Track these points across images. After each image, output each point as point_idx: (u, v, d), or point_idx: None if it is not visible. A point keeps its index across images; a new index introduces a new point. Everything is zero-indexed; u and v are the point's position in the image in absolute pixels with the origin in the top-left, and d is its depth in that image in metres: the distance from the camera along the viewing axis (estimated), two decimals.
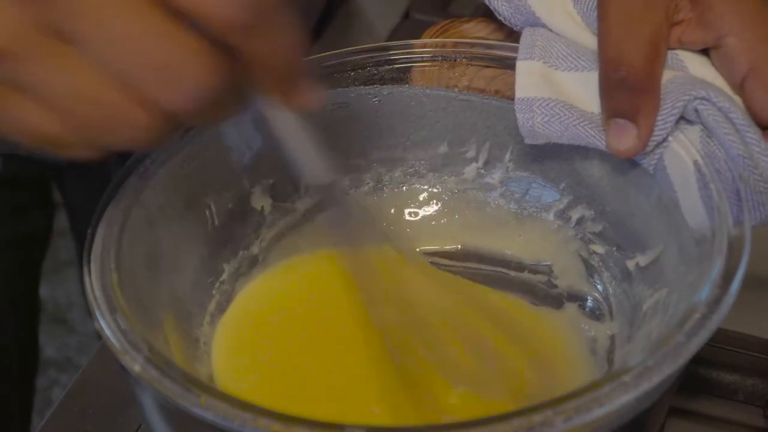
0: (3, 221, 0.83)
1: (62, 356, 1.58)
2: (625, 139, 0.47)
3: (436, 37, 0.60)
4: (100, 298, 0.43)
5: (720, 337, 0.55)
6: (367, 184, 0.59)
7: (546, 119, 0.50)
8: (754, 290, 0.59)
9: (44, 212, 0.89)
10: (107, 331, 0.42)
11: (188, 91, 0.35)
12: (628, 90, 0.46)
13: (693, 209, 0.46)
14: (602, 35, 0.48)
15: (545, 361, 0.51)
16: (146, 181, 0.49)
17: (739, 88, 0.48)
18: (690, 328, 0.40)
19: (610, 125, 0.48)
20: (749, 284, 0.60)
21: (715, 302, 0.41)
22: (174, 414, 0.42)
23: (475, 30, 0.60)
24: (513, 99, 0.52)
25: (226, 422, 0.38)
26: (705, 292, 0.41)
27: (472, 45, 0.56)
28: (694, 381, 0.54)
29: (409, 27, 0.81)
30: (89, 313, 0.44)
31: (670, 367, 0.39)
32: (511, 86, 0.52)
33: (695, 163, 0.46)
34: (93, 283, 0.44)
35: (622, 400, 0.38)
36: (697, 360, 0.44)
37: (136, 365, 0.41)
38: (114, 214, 0.47)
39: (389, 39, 0.80)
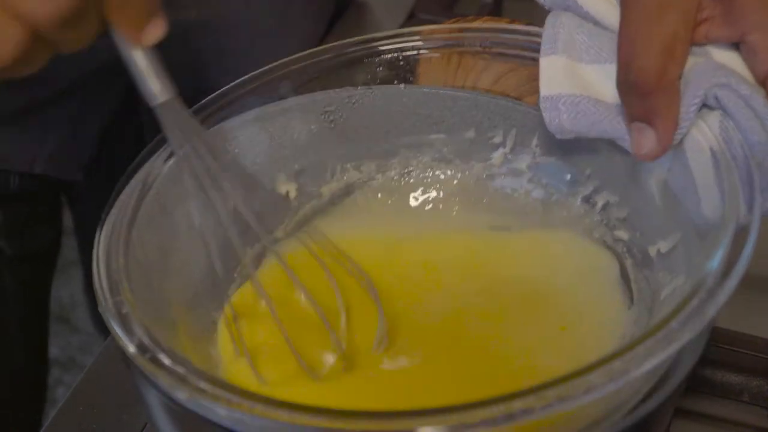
0: (17, 236, 0.83)
1: (66, 356, 1.58)
2: (645, 143, 0.46)
3: None
4: (104, 281, 0.44)
5: (725, 338, 0.55)
6: (395, 168, 0.59)
7: (572, 116, 0.49)
8: (760, 291, 0.59)
9: (53, 227, 0.90)
10: (107, 313, 0.43)
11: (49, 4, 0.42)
12: (638, 95, 0.46)
13: (709, 195, 0.46)
14: (619, 34, 0.47)
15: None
16: (161, 168, 0.50)
17: (762, 84, 0.47)
18: (684, 317, 0.39)
19: (631, 128, 0.47)
20: (755, 285, 0.60)
21: (711, 293, 0.40)
22: (179, 413, 0.42)
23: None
24: (519, 99, 0.51)
25: (213, 407, 0.39)
26: (706, 279, 0.40)
27: (485, 30, 0.56)
28: (699, 382, 0.54)
29: (414, 26, 0.81)
30: (90, 312, 0.44)
31: (661, 356, 0.38)
32: (517, 86, 0.52)
33: (712, 149, 0.46)
34: (99, 267, 0.45)
35: (607, 387, 0.37)
36: (702, 361, 0.44)
37: (130, 347, 0.41)
38: (126, 200, 0.48)
39: None
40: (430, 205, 0.59)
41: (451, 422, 0.36)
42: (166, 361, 0.41)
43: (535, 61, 0.51)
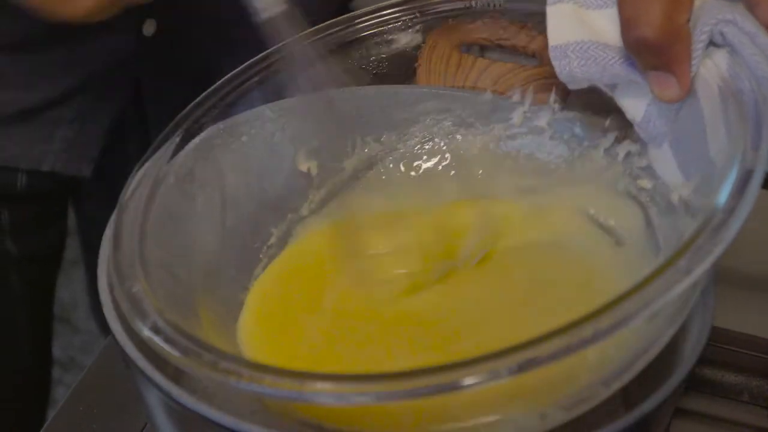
0: (23, 236, 0.84)
1: (66, 356, 1.58)
2: (666, 89, 0.46)
3: (443, 37, 0.60)
4: (111, 267, 0.44)
5: (725, 338, 0.55)
6: (415, 137, 0.58)
7: (583, 62, 0.49)
8: (760, 291, 0.59)
9: (60, 228, 0.90)
10: (120, 298, 0.43)
11: None
12: (649, 50, 0.45)
13: (717, 134, 0.45)
14: None
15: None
16: (178, 151, 0.50)
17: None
18: (684, 265, 0.38)
19: (648, 75, 0.47)
20: (755, 285, 0.60)
21: (716, 230, 0.39)
22: (179, 413, 0.42)
23: (482, 29, 0.60)
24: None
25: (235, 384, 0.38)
26: (712, 218, 0.39)
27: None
28: (699, 382, 0.54)
29: None
30: (93, 312, 0.44)
31: (660, 302, 0.37)
32: (517, 86, 0.52)
33: (719, 86, 0.45)
34: (112, 253, 0.44)
35: (610, 332, 0.36)
36: (702, 361, 0.44)
37: (144, 331, 0.41)
38: (142, 186, 0.47)
39: None
40: (454, 171, 0.58)
41: (453, 378, 0.36)
42: (182, 341, 0.40)
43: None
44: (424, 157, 0.58)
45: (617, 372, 0.41)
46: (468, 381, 0.36)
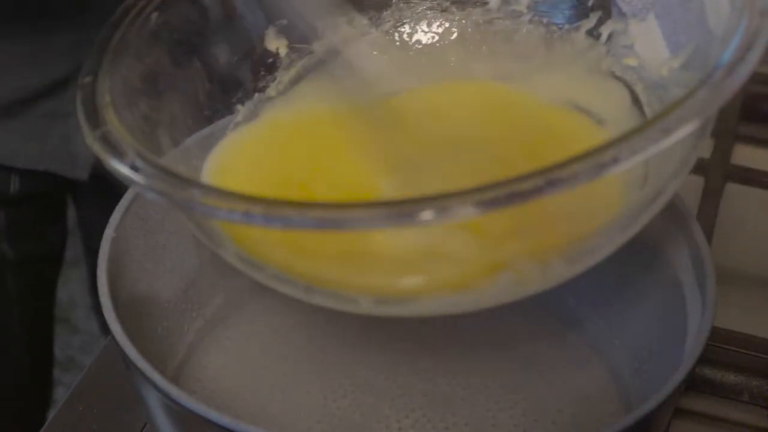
0: (20, 239, 0.83)
1: (65, 356, 1.58)
2: None
3: None
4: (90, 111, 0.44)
5: (725, 338, 0.55)
6: (388, 21, 0.56)
7: None
8: (760, 291, 0.59)
9: (59, 230, 0.90)
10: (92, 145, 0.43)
11: None
12: None
13: (718, 2, 0.42)
14: None
15: None
16: (143, 28, 0.48)
17: None
18: (686, 108, 0.36)
19: None
20: (755, 285, 0.60)
21: (716, 85, 0.37)
22: (179, 413, 0.42)
23: None
24: None
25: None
26: (713, 74, 0.37)
27: None
28: (699, 382, 0.54)
29: None
30: (93, 312, 0.44)
31: (666, 142, 0.35)
32: None
33: None
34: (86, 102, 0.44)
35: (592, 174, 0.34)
36: (702, 361, 0.44)
37: (122, 169, 0.41)
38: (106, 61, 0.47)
39: None
40: (428, 57, 0.56)
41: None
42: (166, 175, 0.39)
43: None
44: (397, 42, 0.57)
45: (622, 225, 0.40)
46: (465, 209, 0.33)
